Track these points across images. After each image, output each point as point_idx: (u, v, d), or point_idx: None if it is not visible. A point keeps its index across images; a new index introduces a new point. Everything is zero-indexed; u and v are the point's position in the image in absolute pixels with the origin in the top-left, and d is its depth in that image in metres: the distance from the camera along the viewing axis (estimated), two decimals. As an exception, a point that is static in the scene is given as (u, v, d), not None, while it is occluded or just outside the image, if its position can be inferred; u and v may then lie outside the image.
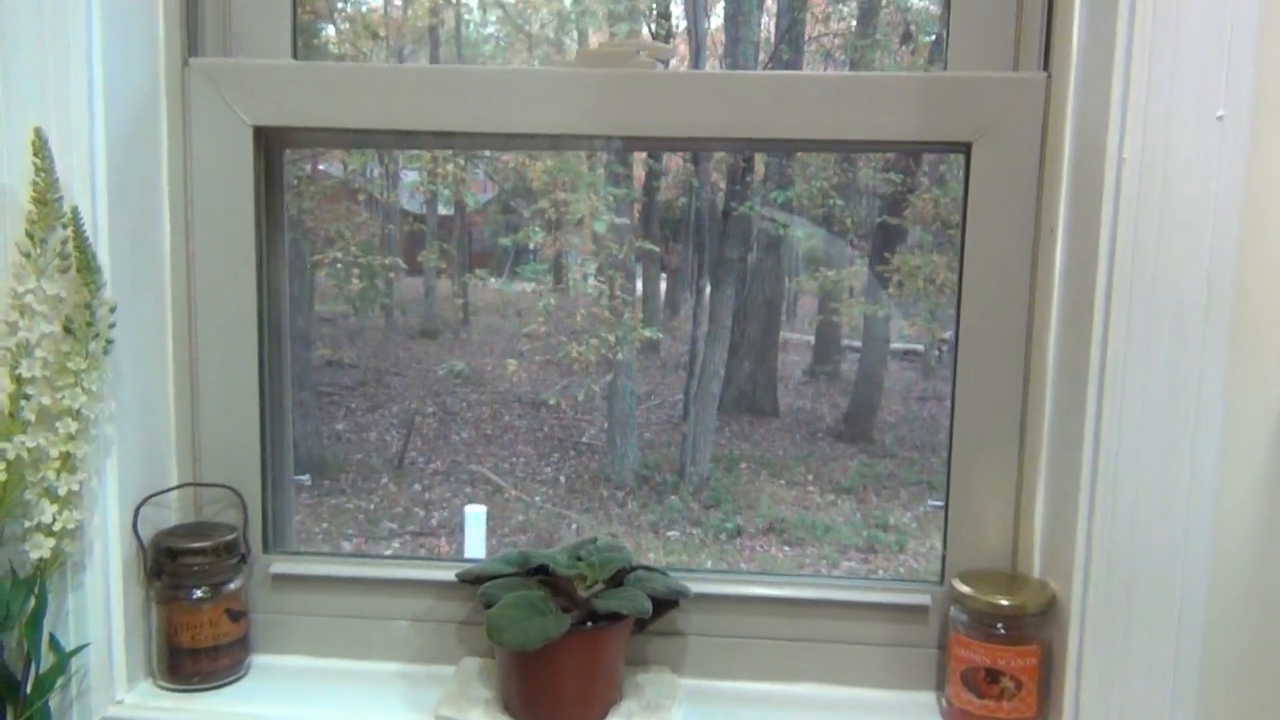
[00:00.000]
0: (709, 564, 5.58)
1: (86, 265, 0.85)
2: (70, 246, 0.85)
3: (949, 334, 7.73)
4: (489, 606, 0.93)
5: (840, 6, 7.21)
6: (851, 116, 0.95)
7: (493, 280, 7.86)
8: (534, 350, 6.91)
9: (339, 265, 6.35)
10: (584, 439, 6.99)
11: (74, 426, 0.86)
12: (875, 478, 6.59)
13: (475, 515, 5.51)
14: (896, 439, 7.19)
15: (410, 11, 7.65)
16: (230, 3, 0.98)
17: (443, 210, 7.39)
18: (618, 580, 0.97)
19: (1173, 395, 0.82)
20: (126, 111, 0.91)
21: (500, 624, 0.89)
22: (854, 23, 6.96)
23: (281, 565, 1.04)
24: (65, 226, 0.85)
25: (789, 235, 6.91)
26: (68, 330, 0.86)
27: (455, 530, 5.76)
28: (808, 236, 7.31)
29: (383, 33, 7.62)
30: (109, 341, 0.88)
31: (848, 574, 5.49)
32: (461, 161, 6.53)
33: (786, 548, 5.78)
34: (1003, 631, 0.94)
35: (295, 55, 1.00)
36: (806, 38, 7.24)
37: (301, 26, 0.98)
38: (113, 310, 0.88)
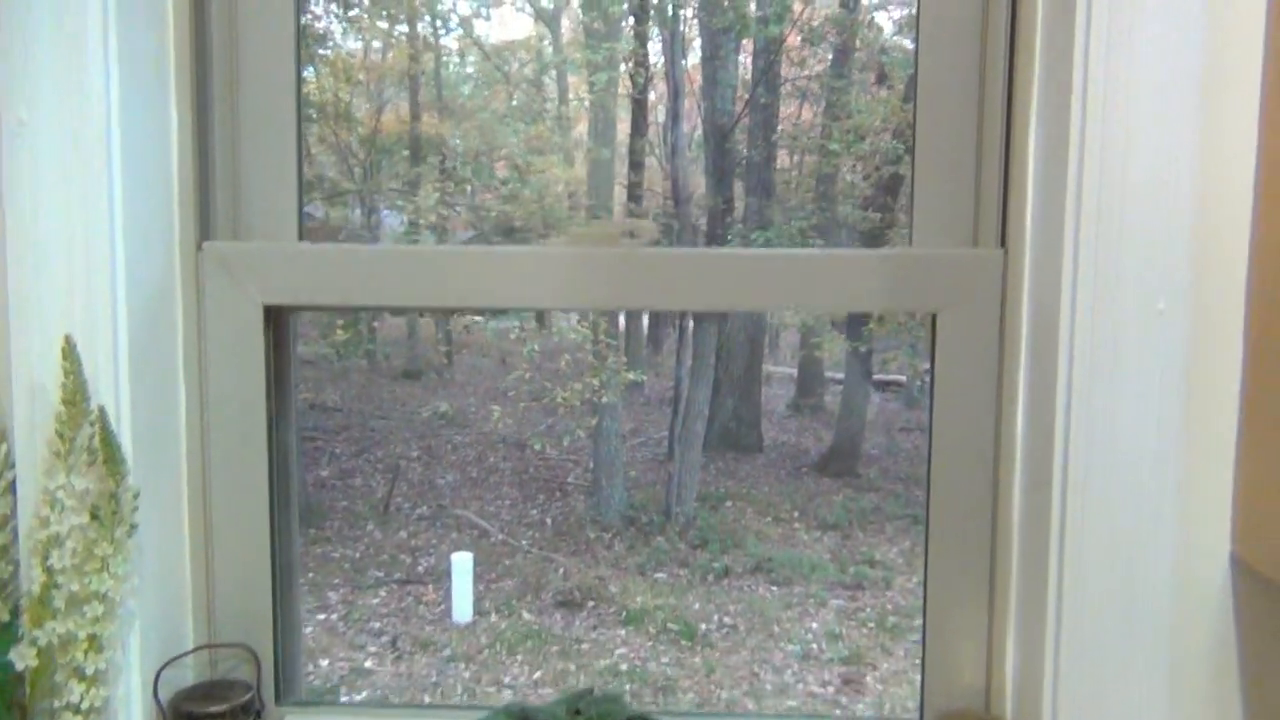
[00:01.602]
0: (696, 606, 5.61)
1: (112, 458, 0.91)
2: (97, 441, 0.91)
3: (929, 364, 7.77)
4: (494, 759, 0.98)
5: (816, 49, 7.32)
6: (823, 290, 1.01)
7: (476, 319, 7.92)
8: (519, 395, 6.96)
9: (321, 312, 6.38)
10: (570, 480, 7.03)
11: (100, 609, 0.91)
12: (860, 512, 6.65)
13: (462, 563, 5.53)
14: (881, 471, 7.26)
15: (389, 56, 7.73)
16: (240, 188, 1.04)
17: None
18: (615, 726, 1.02)
19: (1128, 552, 0.89)
20: (145, 302, 0.96)
21: (505, 779, 0.95)
22: (829, 60, 7.07)
23: (295, 718, 1.09)
24: (93, 424, 0.91)
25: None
26: (94, 517, 0.91)
27: (442, 577, 5.79)
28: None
29: (362, 77, 7.70)
30: (133, 526, 0.93)
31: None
32: (444, 211, 6.57)
33: (774, 587, 5.83)
34: (978, 769, 1.00)
35: (301, 235, 1.06)
36: (782, 79, 7.35)
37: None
38: (136, 496, 0.93)
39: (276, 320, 1.08)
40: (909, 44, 6.92)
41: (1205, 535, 0.90)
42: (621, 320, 7.03)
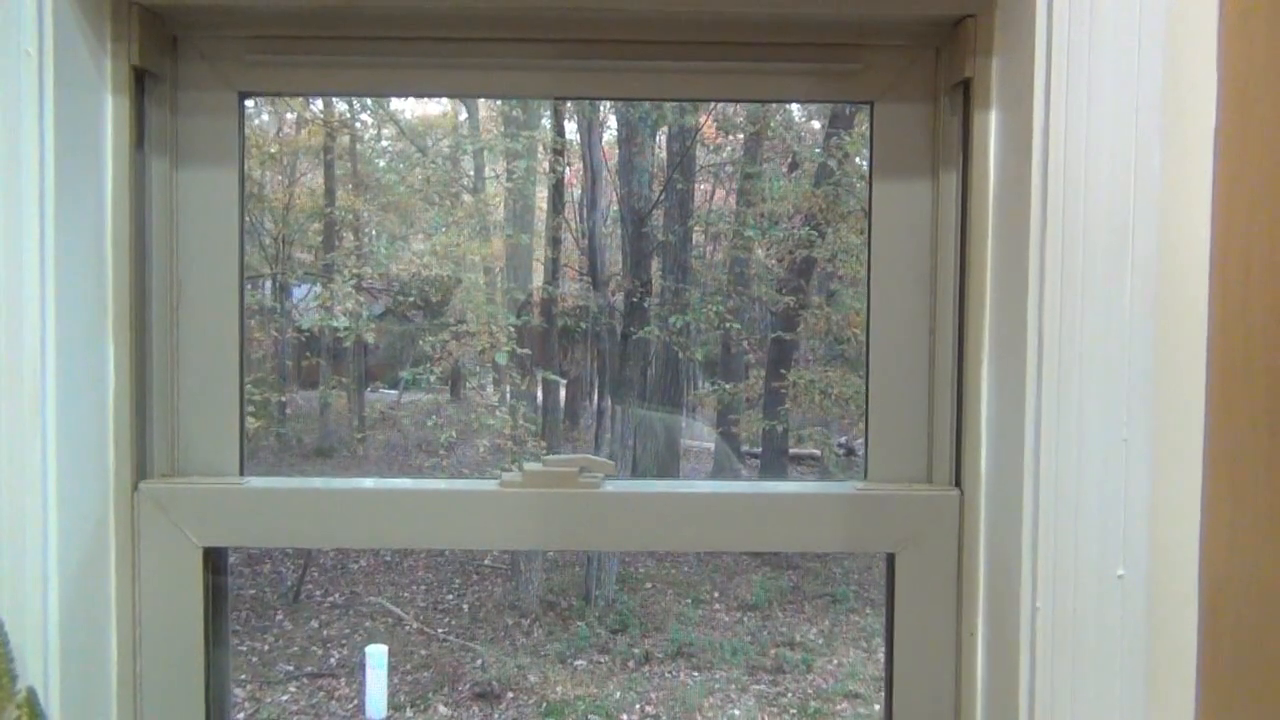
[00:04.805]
0: (618, 695, 5.53)
1: (39, 736, 0.85)
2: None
3: (843, 439, 7.87)
4: None
5: (731, 136, 7.46)
6: (781, 529, 1.01)
7: (387, 390, 7.76)
8: (433, 470, 6.82)
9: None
10: (486, 563, 6.88)
11: None
12: (779, 592, 6.65)
13: (376, 655, 5.36)
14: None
15: (304, 132, 7.64)
16: (178, 423, 1.00)
17: (337, 323, 7.15)
18: None
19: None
20: (77, 560, 0.91)
21: None
22: (743, 146, 7.22)
23: None
24: (19, 708, 0.85)
25: (687, 354, 7.06)
26: (16, 798, 0.85)
27: (355, 669, 5.59)
28: (705, 355, 7.48)
29: (275, 150, 7.59)
30: (59, 803, 0.87)
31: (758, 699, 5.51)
32: (361, 299, 6.47)
33: (695, 673, 5.78)
34: None
35: (242, 470, 1.01)
36: (698, 165, 7.47)
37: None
38: (64, 774, 0.88)
39: (215, 557, 1.03)
40: (817, 123, 7.12)
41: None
42: (539, 393, 6.99)
